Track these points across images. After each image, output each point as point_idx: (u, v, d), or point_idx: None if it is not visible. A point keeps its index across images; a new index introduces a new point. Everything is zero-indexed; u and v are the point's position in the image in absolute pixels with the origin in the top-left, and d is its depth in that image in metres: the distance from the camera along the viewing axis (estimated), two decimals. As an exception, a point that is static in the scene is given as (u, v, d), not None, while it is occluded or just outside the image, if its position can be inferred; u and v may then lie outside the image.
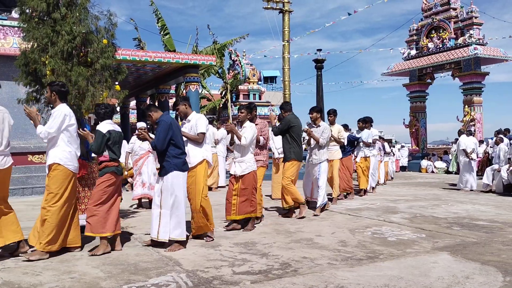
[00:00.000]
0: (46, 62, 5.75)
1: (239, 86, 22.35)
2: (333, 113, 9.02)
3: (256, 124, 6.49)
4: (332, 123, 8.91)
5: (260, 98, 24.28)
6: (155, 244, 5.12)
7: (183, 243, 5.07)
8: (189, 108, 5.67)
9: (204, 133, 5.50)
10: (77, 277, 4.00)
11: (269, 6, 16.54)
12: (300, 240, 5.44)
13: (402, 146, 22.29)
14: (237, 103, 20.19)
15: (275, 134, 7.19)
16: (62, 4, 5.96)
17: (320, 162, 7.49)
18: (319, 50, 18.84)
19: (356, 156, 10.37)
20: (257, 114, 7.14)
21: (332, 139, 8.47)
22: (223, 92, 22.67)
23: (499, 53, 17.57)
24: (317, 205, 7.39)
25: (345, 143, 9.43)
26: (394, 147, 20.33)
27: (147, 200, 8.64)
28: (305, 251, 4.83)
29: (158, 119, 5.12)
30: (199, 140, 5.47)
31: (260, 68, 44.77)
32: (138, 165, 8.62)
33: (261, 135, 6.73)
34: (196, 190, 5.38)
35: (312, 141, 7.53)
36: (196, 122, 5.52)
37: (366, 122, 10.49)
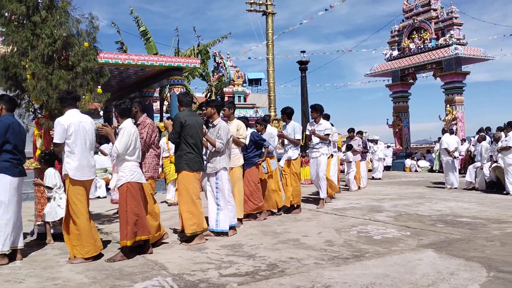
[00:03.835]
0: (26, 66, 5.66)
1: (224, 89, 22.30)
2: (227, 106, 6.84)
3: (137, 125, 5.23)
4: (228, 118, 6.80)
5: (245, 100, 24.26)
6: None
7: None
8: (65, 107, 4.91)
9: (56, 143, 4.76)
10: (61, 283, 3.93)
11: (252, 9, 16.62)
12: (287, 240, 5.44)
13: (388, 146, 22.51)
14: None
15: (172, 141, 5.52)
16: (42, 7, 5.88)
17: (215, 172, 5.88)
18: (303, 51, 18.89)
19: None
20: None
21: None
22: (208, 95, 22.60)
23: (479, 53, 17.87)
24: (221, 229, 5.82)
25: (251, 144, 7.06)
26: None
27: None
28: (292, 252, 4.83)
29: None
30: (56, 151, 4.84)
31: (245, 70, 44.78)
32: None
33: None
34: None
35: (210, 145, 5.92)
36: None
37: (315, 111, 8.20)
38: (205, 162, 5.87)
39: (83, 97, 5.91)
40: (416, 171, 18.69)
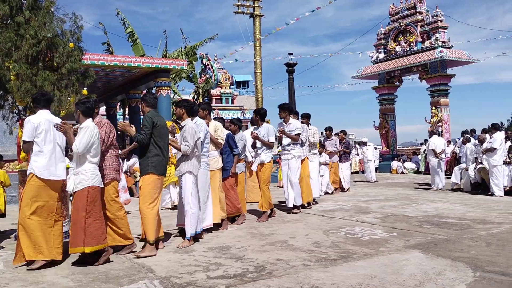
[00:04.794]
0: (10, 67, 5.58)
1: (211, 91, 22.27)
2: (202, 107, 6.60)
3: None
4: (205, 119, 6.46)
5: (232, 102, 24.27)
6: None
7: None
8: (37, 108, 4.83)
9: (25, 141, 4.65)
10: (45, 287, 3.87)
11: (239, 11, 16.61)
12: (275, 242, 5.43)
13: (375, 148, 22.66)
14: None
15: (145, 142, 5.04)
16: (25, 7, 5.80)
17: (180, 175, 5.58)
18: (290, 54, 18.99)
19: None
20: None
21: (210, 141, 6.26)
22: (195, 97, 22.55)
23: (464, 56, 18.11)
24: (186, 236, 5.43)
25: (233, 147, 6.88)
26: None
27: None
28: (280, 253, 4.82)
29: None
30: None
31: (232, 72, 44.79)
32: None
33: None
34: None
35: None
36: None
37: (283, 110, 7.68)
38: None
39: (68, 98, 5.84)
40: (402, 172, 18.85)
